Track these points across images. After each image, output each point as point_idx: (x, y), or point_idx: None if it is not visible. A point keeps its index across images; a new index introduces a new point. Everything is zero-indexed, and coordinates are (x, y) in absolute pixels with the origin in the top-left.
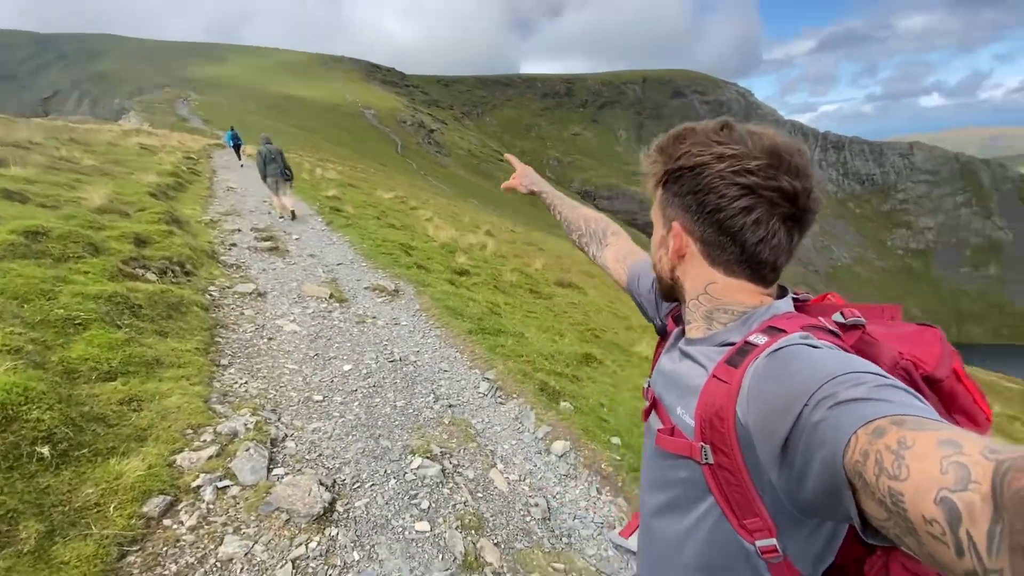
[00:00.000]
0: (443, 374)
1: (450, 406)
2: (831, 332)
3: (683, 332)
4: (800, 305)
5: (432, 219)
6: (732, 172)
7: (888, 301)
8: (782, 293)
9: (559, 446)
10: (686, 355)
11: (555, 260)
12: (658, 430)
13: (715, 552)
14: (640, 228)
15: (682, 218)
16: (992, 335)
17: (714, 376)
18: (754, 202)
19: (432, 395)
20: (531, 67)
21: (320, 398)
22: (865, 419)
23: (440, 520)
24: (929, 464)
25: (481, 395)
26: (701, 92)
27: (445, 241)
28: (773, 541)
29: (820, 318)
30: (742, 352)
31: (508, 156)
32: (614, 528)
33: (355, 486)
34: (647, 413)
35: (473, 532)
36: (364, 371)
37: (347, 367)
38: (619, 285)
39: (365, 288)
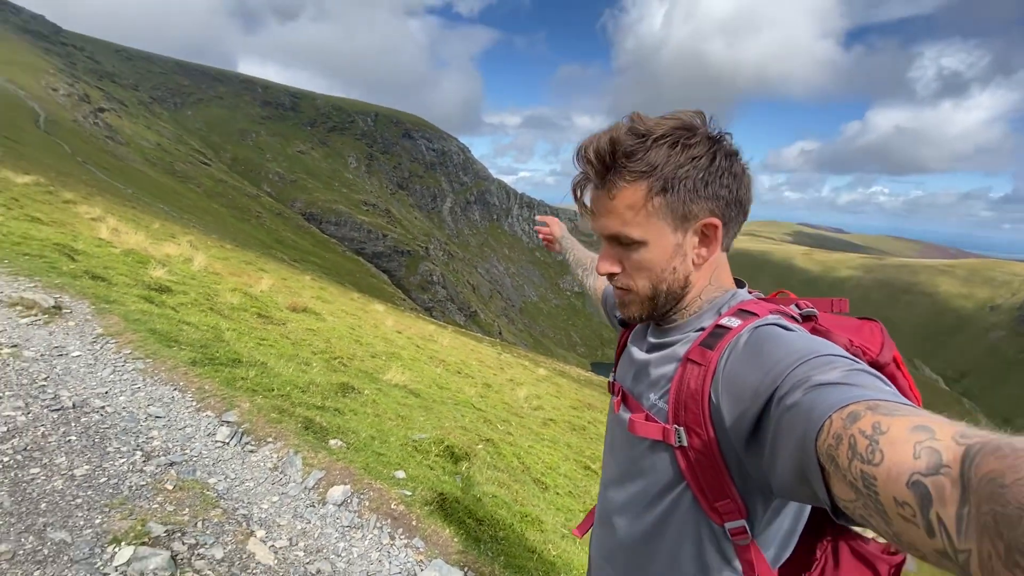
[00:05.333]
0: (155, 422)
1: (171, 464)
2: (794, 319)
3: (648, 324)
4: (758, 300)
5: (103, 219)
6: (726, 146)
7: (559, 330)
8: (740, 285)
9: (337, 492)
10: (658, 344)
11: (281, 282)
12: (630, 417)
13: (686, 539)
14: (367, 258)
15: (716, 210)
16: None
17: (688, 359)
18: (742, 166)
19: (140, 452)
20: (251, 68)
21: None
22: (839, 404)
23: None
24: (902, 449)
25: (219, 444)
26: (428, 139)
27: (131, 248)
28: (743, 522)
29: (780, 306)
30: (715, 335)
31: (542, 217)
32: None
33: None
34: (617, 406)
35: None
36: (1, 428)
37: None
38: (597, 305)
39: None
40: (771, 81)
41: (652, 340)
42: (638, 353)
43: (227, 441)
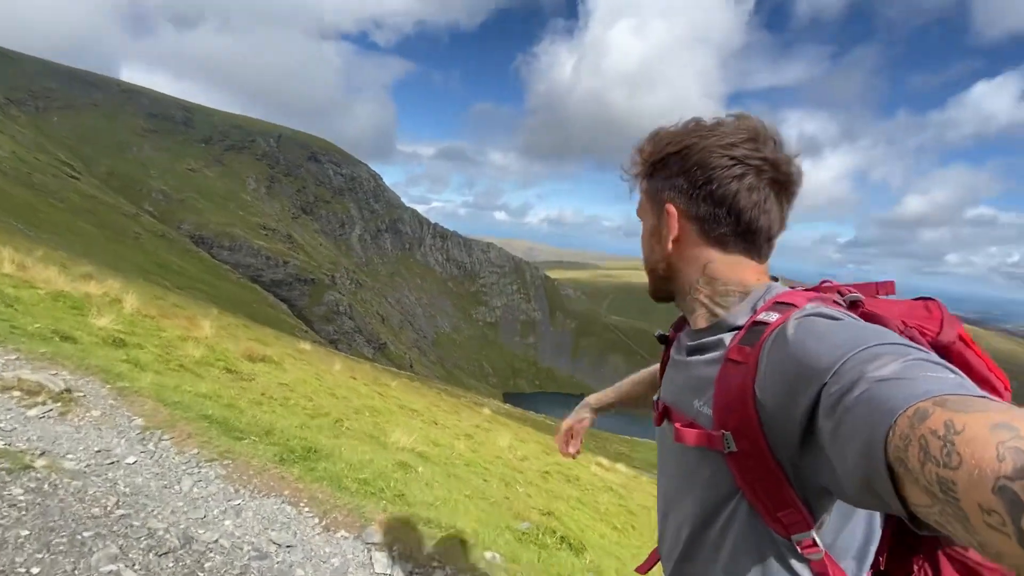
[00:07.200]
0: (289, 554)
1: None
2: (838, 304)
3: (684, 329)
4: (795, 291)
5: None
6: (719, 147)
7: (472, 360)
8: (774, 279)
9: None
10: (695, 349)
11: (216, 323)
12: (676, 425)
13: (748, 555)
14: (265, 286)
15: (675, 199)
16: (531, 386)
17: (728, 359)
18: (744, 170)
19: None
20: (136, 75)
21: None
22: (904, 403)
23: None
24: (983, 450)
25: None
26: (337, 164)
27: (59, 289)
28: (812, 534)
29: (823, 294)
30: (754, 331)
31: (559, 435)
32: None
33: None
34: (658, 421)
35: None
36: None
37: None
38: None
39: None
40: None
41: (689, 343)
42: (677, 363)
43: (390, 574)
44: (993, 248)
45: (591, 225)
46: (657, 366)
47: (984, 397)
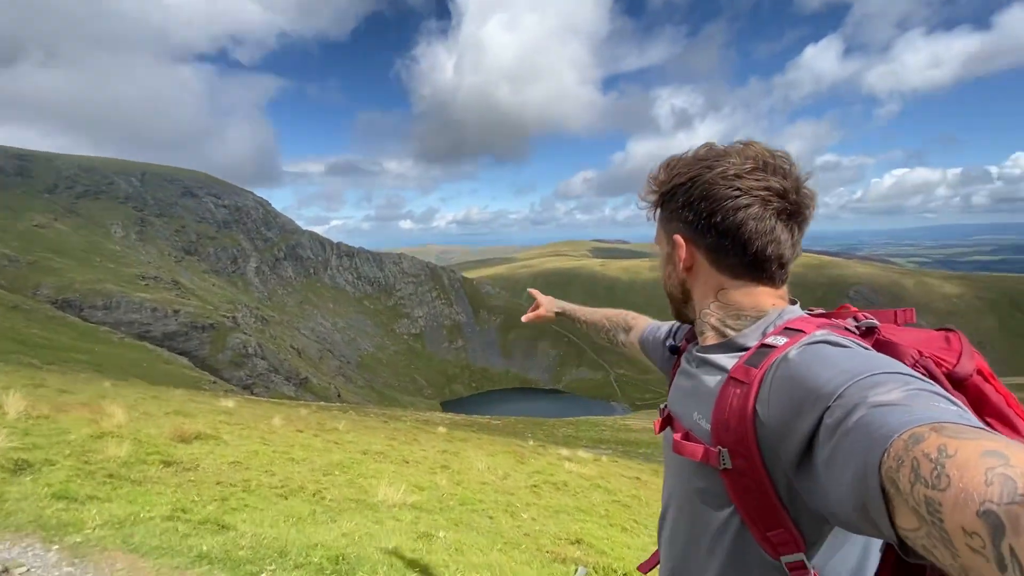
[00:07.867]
0: None
1: None
2: (850, 331)
3: (697, 344)
4: (808, 316)
5: None
6: (722, 178)
7: (403, 376)
8: (792, 303)
9: None
10: (702, 362)
11: (121, 402)
12: (675, 437)
13: (738, 571)
14: (156, 341)
15: (683, 230)
16: (468, 389)
17: (732, 377)
18: (749, 201)
19: None
20: None
21: None
22: (901, 427)
23: None
24: (972, 475)
25: None
26: (216, 195)
27: None
28: (801, 556)
29: (836, 320)
30: (760, 353)
31: (531, 291)
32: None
33: None
34: (661, 427)
35: None
36: None
37: None
38: (638, 355)
39: None
40: (552, 121)
41: (697, 356)
42: (684, 374)
43: None
44: (841, 188)
45: (498, 220)
46: (636, 316)
47: (982, 428)
